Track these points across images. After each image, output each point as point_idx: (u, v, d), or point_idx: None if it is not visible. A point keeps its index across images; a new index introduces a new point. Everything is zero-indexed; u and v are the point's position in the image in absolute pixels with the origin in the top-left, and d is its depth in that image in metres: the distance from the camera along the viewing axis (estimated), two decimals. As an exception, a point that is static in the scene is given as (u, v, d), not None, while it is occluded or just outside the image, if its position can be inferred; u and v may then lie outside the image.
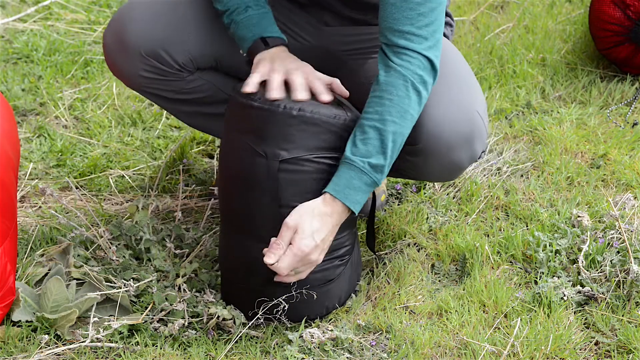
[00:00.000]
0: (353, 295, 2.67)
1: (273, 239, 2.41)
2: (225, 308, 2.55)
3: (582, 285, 2.68)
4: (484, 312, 2.61)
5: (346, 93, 2.51)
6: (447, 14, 2.75)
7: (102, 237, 2.75)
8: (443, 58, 2.54)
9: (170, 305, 2.55)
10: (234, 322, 2.54)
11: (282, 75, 2.46)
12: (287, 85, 2.47)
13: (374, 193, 2.70)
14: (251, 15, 2.53)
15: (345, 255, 2.58)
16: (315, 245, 2.39)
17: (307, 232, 2.39)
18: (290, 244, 2.39)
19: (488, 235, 2.88)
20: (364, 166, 2.39)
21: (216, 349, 2.49)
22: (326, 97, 2.45)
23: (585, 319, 2.60)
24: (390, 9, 2.40)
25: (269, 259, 2.39)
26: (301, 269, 2.44)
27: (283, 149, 2.43)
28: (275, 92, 2.43)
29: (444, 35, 2.73)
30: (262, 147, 2.44)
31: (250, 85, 2.44)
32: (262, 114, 2.44)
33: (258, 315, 2.55)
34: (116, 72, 2.67)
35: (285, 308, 2.55)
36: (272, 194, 2.45)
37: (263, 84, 2.47)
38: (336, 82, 2.51)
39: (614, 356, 2.49)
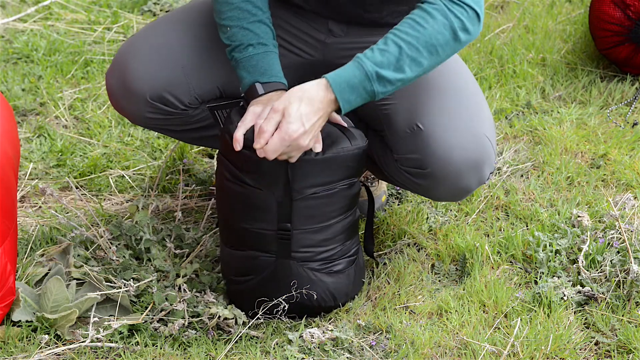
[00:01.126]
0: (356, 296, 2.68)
1: (260, 123, 2.38)
2: (226, 308, 2.55)
3: (582, 285, 2.68)
4: (484, 312, 2.61)
5: (343, 123, 2.51)
6: None
7: (102, 237, 2.75)
8: (453, 76, 2.55)
9: (170, 305, 2.55)
10: (235, 322, 2.54)
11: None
12: None
13: (371, 196, 2.69)
14: (251, 55, 2.49)
15: (353, 256, 2.61)
16: (304, 131, 2.35)
17: (295, 116, 2.35)
18: (277, 128, 2.36)
19: (488, 235, 2.88)
20: (372, 72, 2.36)
21: (216, 349, 2.49)
22: (318, 147, 2.44)
23: (585, 319, 2.60)
24: None
25: (257, 144, 2.36)
26: (292, 154, 2.41)
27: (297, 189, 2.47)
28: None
29: None
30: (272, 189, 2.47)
31: (238, 143, 2.42)
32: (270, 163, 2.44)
33: (258, 315, 2.55)
34: (121, 112, 2.66)
35: (285, 308, 2.56)
36: (281, 221, 2.50)
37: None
38: (334, 116, 2.50)
39: (614, 356, 2.49)
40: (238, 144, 2.42)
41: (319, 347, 2.49)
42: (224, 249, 2.62)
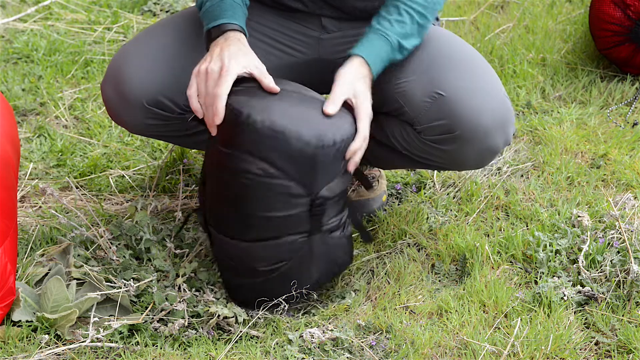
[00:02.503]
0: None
1: (327, 100, 2.45)
2: (226, 306, 2.56)
3: (582, 285, 2.68)
4: (484, 312, 2.62)
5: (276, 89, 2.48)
6: None
7: (102, 237, 2.75)
8: (459, 45, 2.64)
9: (171, 305, 2.56)
10: (236, 320, 2.55)
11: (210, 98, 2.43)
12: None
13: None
14: (210, 5, 2.51)
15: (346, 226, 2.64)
16: (370, 102, 2.50)
17: (365, 95, 2.48)
18: (352, 109, 2.47)
19: (488, 235, 2.88)
20: (396, 44, 2.52)
21: (216, 348, 2.50)
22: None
23: (586, 319, 2.60)
24: None
25: (329, 108, 2.44)
26: (369, 122, 2.50)
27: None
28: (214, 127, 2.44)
29: None
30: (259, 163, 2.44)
31: (198, 113, 2.46)
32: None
33: (258, 315, 2.55)
34: (119, 122, 2.67)
35: (286, 308, 2.58)
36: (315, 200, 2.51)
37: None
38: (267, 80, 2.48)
39: (614, 356, 2.49)
40: (199, 113, 2.44)
41: (319, 347, 2.49)
42: (239, 245, 2.55)
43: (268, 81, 2.45)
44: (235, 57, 2.43)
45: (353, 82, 2.48)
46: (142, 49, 2.62)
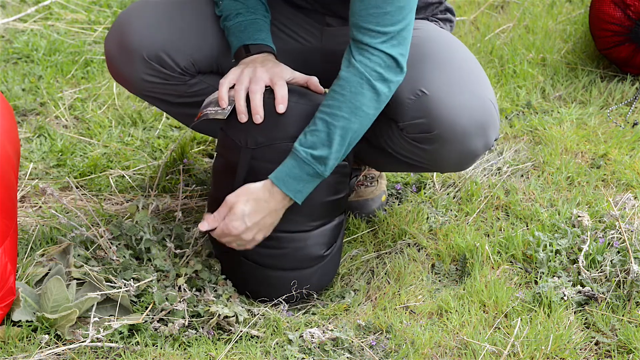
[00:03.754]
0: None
1: (212, 214, 2.55)
2: (226, 306, 2.56)
3: (583, 285, 2.68)
4: (484, 312, 2.61)
5: (322, 90, 2.58)
6: (449, 10, 2.76)
7: (102, 237, 2.75)
8: (450, 45, 2.60)
9: (171, 305, 2.56)
10: (236, 320, 2.55)
11: (242, 91, 2.52)
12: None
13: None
14: (240, 21, 2.57)
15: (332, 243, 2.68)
16: (245, 228, 2.51)
17: (238, 215, 2.51)
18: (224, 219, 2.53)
19: (488, 235, 2.88)
20: (306, 157, 2.46)
21: (216, 348, 2.49)
22: (282, 108, 2.51)
23: (586, 319, 2.60)
24: (357, 5, 2.43)
25: (201, 226, 2.55)
26: (240, 243, 2.55)
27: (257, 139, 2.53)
28: (258, 115, 2.52)
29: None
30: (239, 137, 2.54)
31: (223, 100, 2.53)
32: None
33: (258, 316, 2.55)
34: (119, 77, 2.69)
35: (286, 308, 2.59)
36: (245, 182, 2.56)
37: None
38: (312, 80, 2.57)
39: (614, 356, 2.49)
40: (223, 101, 2.52)
41: (319, 347, 2.49)
42: (302, 237, 2.61)
43: (315, 85, 2.58)
44: (281, 66, 2.55)
45: (239, 196, 2.50)
46: (148, 5, 2.66)
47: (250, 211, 2.50)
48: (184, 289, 2.61)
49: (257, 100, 2.50)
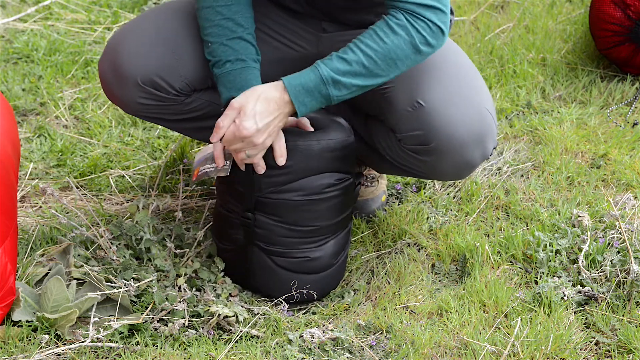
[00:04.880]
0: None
1: (218, 120, 2.48)
2: (226, 306, 2.56)
3: (583, 285, 2.68)
4: (484, 312, 2.61)
5: (311, 129, 2.59)
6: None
7: (102, 236, 2.75)
8: (449, 54, 2.58)
9: (171, 305, 2.56)
10: (236, 320, 2.55)
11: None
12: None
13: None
14: (229, 71, 2.55)
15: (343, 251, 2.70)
16: (257, 129, 2.45)
17: (249, 114, 2.45)
18: (234, 121, 2.47)
19: (488, 235, 2.88)
20: (327, 76, 2.43)
21: (216, 348, 2.50)
22: (282, 161, 2.53)
23: (586, 319, 2.60)
24: None
25: (212, 137, 2.49)
26: (250, 152, 2.49)
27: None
28: (261, 168, 2.54)
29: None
30: None
31: (220, 158, 2.56)
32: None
33: (258, 316, 2.55)
34: (114, 99, 2.68)
35: (286, 308, 2.59)
36: None
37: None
38: (302, 122, 2.60)
39: (614, 356, 2.49)
40: (220, 160, 2.56)
41: (319, 347, 2.49)
42: (316, 251, 2.64)
43: (305, 124, 2.60)
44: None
45: (248, 97, 2.46)
46: (141, 28, 2.64)
47: (261, 110, 2.44)
48: (184, 289, 2.61)
49: (256, 159, 2.54)
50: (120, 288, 2.58)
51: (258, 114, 2.44)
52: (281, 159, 2.52)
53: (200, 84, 2.64)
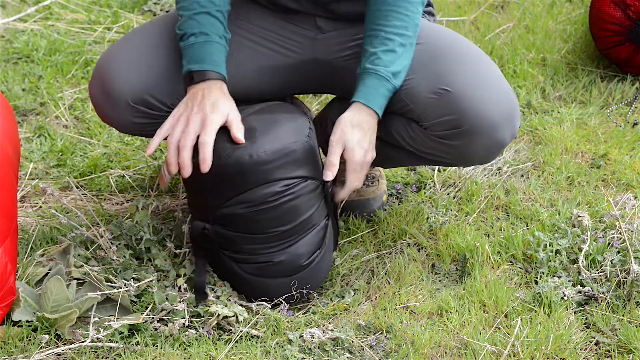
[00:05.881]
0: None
1: (328, 158, 2.56)
2: (226, 306, 2.56)
3: (583, 285, 2.68)
4: (484, 312, 2.62)
5: (241, 141, 2.52)
6: (430, 4, 2.78)
7: (102, 236, 2.75)
8: (462, 43, 2.65)
9: (171, 305, 2.56)
10: (236, 320, 2.55)
11: (189, 140, 2.49)
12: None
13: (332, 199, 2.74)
14: (192, 44, 2.54)
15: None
16: (365, 151, 2.56)
17: (353, 144, 2.55)
18: (342, 161, 2.57)
19: (488, 235, 2.88)
20: (387, 74, 2.54)
21: (216, 348, 2.50)
22: (204, 168, 2.49)
23: (586, 319, 2.60)
24: None
25: (327, 176, 2.57)
26: (364, 173, 2.60)
27: None
28: (187, 169, 2.50)
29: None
30: None
31: (151, 148, 2.53)
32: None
33: (258, 316, 2.55)
34: (107, 121, 2.68)
35: (286, 308, 2.59)
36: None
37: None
38: (234, 129, 2.54)
39: (614, 356, 2.49)
40: (172, 167, 2.51)
41: (319, 347, 2.49)
42: (279, 255, 2.60)
43: (236, 131, 2.52)
44: (217, 108, 2.50)
45: (344, 129, 2.55)
46: (128, 48, 2.63)
47: (360, 136, 2.55)
48: (184, 289, 2.61)
49: (184, 157, 2.49)
50: (120, 288, 2.58)
51: (360, 141, 2.55)
52: (204, 166, 2.48)
53: None
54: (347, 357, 2.48)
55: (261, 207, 2.54)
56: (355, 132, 2.54)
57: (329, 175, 2.56)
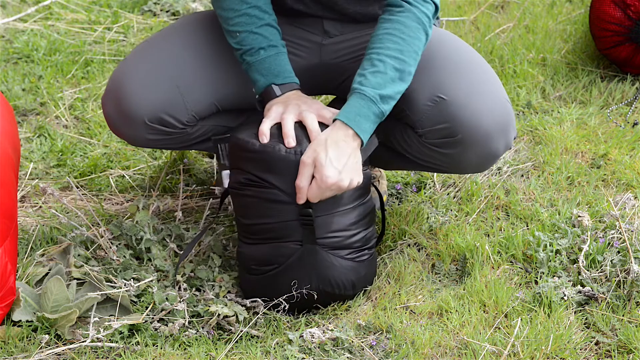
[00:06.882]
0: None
1: (296, 182, 2.47)
2: (226, 305, 2.56)
3: (583, 285, 2.68)
4: (484, 312, 2.62)
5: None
6: (436, 8, 2.78)
7: (102, 236, 2.75)
8: (460, 48, 2.63)
9: (171, 305, 2.56)
10: (236, 319, 2.55)
11: (293, 118, 2.51)
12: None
13: (379, 193, 2.72)
14: (263, 58, 2.55)
15: (373, 247, 2.65)
16: (338, 173, 2.45)
17: (325, 163, 2.44)
18: (313, 177, 2.46)
19: (488, 235, 2.88)
20: (374, 96, 2.47)
21: (216, 348, 2.50)
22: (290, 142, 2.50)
23: (586, 318, 2.60)
24: None
25: (299, 200, 2.47)
26: (329, 194, 2.49)
27: None
28: (291, 139, 2.49)
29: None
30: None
31: (265, 136, 2.50)
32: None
33: (259, 315, 2.55)
34: (122, 137, 2.68)
35: (287, 307, 2.58)
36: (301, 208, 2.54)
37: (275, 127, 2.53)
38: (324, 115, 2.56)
39: (614, 356, 2.49)
40: (265, 137, 2.49)
41: (319, 347, 2.49)
42: (242, 246, 2.61)
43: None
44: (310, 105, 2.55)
45: (316, 149, 2.46)
46: (143, 63, 2.62)
47: (334, 155, 2.45)
48: (184, 289, 2.62)
49: (309, 123, 2.51)
50: (120, 288, 2.58)
51: (334, 160, 2.45)
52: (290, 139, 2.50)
53: (206, 111, 2.64)
54: (347, 357, 2.48)
55: (232, 190, 2.58)
56: (330, 151, 2.45)
57: (299, 198, 2.48)
